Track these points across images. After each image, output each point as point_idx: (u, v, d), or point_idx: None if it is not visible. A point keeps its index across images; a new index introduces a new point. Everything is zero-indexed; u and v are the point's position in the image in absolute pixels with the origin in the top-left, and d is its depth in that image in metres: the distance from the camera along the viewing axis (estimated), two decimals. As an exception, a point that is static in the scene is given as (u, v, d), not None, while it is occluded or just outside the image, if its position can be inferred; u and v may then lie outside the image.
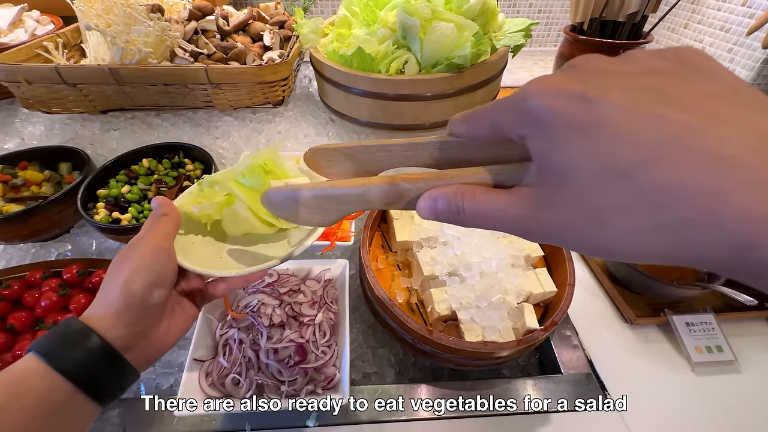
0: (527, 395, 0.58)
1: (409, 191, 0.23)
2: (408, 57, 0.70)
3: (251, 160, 0.43)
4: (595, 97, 0.15)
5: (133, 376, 0.32)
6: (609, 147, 0.15)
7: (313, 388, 0.52)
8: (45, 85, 0.70)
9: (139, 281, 0.31)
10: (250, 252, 0.42)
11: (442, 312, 0.57)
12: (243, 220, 0.40)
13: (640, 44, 0.98)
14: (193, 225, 0.41)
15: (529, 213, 0.18)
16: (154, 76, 0.69)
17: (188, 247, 0.39)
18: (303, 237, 0.40)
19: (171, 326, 0.35)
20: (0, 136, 0.79)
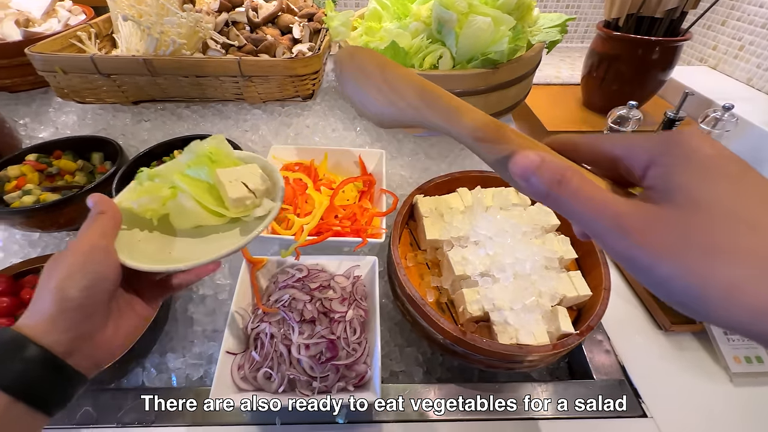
0: (560, 399, 0.57)
1: (509, 143, 0.21)
2: (443, 52, 0.68)
3: (196, 150, 0.41)
4: (746, 165, 0.17)
5: (80, 381, 0.30)
6: (751, 201, 0.16)
7: (344, 384, 0.52)
8: (80, 75, 0.70)
9: (73, 285, 0.29)
10: (201, 244, 0.40)
11: (474, 313, 0.56)
12: (189, 212, 0.39)
13: (678, 42, 0.94)
14: (138, 221, 0.39)
15: (640, 219, 0.18)
16: (187, 68, 0.69)
17: (134, 245, 0.37)
18: (255, 226, 0.39)
19: (120, 328, 0.33)
20: (35, 125, 0.80)
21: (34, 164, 0.68)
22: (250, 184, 0.40)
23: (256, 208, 0.41)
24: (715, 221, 0.16)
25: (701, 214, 0.17)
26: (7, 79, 0.80)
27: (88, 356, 0.30)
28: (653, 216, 0.18)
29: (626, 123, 0.88)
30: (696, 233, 0.17)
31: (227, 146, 0.43)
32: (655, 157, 0.19)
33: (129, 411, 0.54)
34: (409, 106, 0.24)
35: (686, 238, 0.17)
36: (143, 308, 0.36)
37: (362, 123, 0.86)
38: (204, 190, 0.40)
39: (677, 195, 0.18)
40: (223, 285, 0.66)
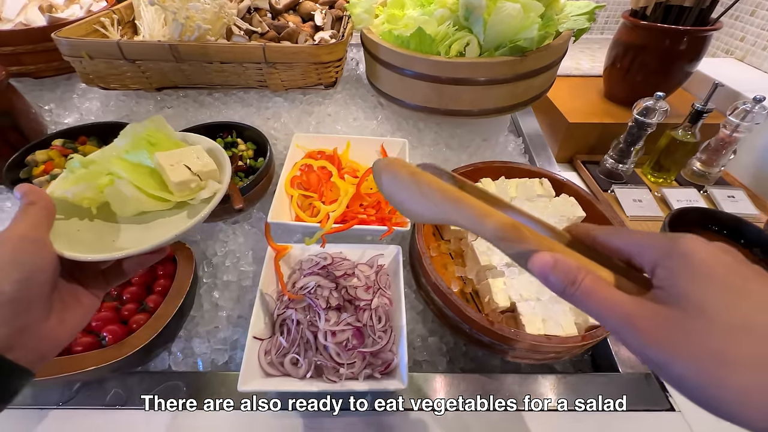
0: (586, 392, 0.56)
1: (526, 243, 0.24)
2: (470, 39, 0.67)
3: (133, 134, 0.40)
4: (743, 272, 0.20)
5: (24, 375, 0.29)
6: (751, 311, 0.18)
7: (371, 372, 0.52)
8: (105, 60, 0.70)
9: (4, 278, 0.28)
10: (146, 230, 0.39)
11: (501, 303, 0.56)
12: (129, 199, 0.38)
13: (708, 31, 0.92)
14: (76, 210, 0.38)
15: (648, 320, 0.20)
16: (212, 54, 0.68)
17: (73, 234, 0.36)
18: (201, 208, 0.38)
19: (65, 320, 0.32)
20: (60, 111, 0.80)
21: (61, 149, 0.69)
22: (193, 166, 0.39)
23: (202, 191, 0.40)
24: (718, 329, 0.19)
25: (705, 321, 0.19)
26: (31, 65, 0.80)
27: (32, 349, 0.30)
28: (661, 317, 0.20)
29: (652, 114, 0.86)
30: (702, 338, 0.19)
31: (167, 128, 0.42)
32: (660, 260, 0.22)
33: (156, 394, 0.55)
34: (439, 210, 0.28)
35: (693, 342, 0.19)
36: (88, 298, 0.35)
37: (383, 112, 0.85)
38: (145, 175, 0.39)
39: (682, 300, 0.20)
40: (246, 272, 0.66)
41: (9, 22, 0.80)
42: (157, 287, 0.59)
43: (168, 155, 0.39)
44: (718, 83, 0.84)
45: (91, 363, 0.48)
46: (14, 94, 0.71)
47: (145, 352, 0.52)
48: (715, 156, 0.94)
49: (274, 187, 0.67)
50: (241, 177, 0.69)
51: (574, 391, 0.57)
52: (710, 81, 1.10)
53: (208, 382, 0.56)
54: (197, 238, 0.70)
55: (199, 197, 0.39)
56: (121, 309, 0.55)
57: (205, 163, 0.41)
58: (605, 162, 0.99)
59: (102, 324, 0.53)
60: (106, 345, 0.51)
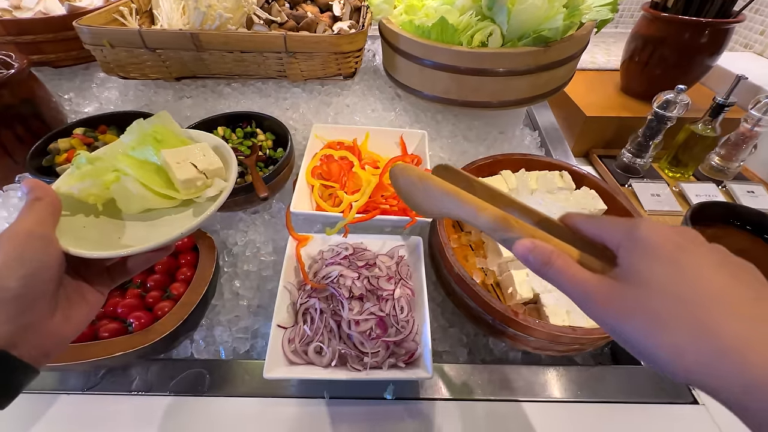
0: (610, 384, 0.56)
1: (513, 231, 0.29)
2: (493, 29, 0.66)
3: (139, 130, 0.39)
4: (688, 249, 0.24)
5: (28, 372, 0.29)
6: (688, 282, 0.22)
7: (395, 361, 0.52)
8: (126, 49, 0.70)
9: (10, 274, 0.28)
10: (151, 228, 0.39)
11: (524, 294, 0.56)
12: (135, 196, 0.37)
13: (730, 24, 0.90)
14: (81, 207, 0.37)
15: (603, 293, 0.25)
16: (233, 43, 0.68)
17: (78, 231, 0.35)
18: (206, 207, 0.38)
19: (70, 317, 0.32)
20: (79, 100, 0.81)
21: (82, 138, 0.69)
22: (199, 164, 0.39)
23: (208, 189, 0.39)
24: (657, 297, 0.23)
25: (649, 291, 0.23)
26: (51, 54, 0.80)
27: (36, 346, 0.29)
28: (616, 290, 0.24)
29: (673, 107, 0.85)
30: (645, 305, 0.23)
31: (173, 124, 0.42)
32: (622, 242, 0.26)
33: (180, 381, 0.55)
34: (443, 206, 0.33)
35: (638, 309, 0.23)
36: (93, 295, 0.35)
37: (401, 104, 0.85)
38: (151, 172, 0.39)
39: (634, 275, 0.24)
40: (267, 261, 0.66)
41: (29, 11, 0.80)
42: (180, 275, 0.59)
43: (174, 153, 0.39)
44: (742, 77, 0.83)
45: (119, 349, 0.49)
46: (35, 83, 0.71)
47: (171, 339, 0.53)
48: (734, 151, 0.93)
49: (294, 177, 0.67)
50: (260, 167, 0.69)
51: (596, 383, 0.57)
52: (729, 75, 1.09)
53: (230, 370, 0.56)
54: (217, 227, 0.70)
55: (205, 195, 0.39)
56: (146, 296, 0.56)
57: (211, 161, 0.41)
58: (622, 156, 0.98)
59: (128, 310, 0.53)
60: (133, 331, 0.51)
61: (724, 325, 0.21)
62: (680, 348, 0.21)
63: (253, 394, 0.54)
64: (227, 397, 0.54)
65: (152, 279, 0.58)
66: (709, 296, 0.22)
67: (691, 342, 0.21)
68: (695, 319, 0.21)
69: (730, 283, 0.22)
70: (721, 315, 0.21)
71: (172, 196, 0.39)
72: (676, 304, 0.22)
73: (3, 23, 0.75)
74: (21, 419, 0.50)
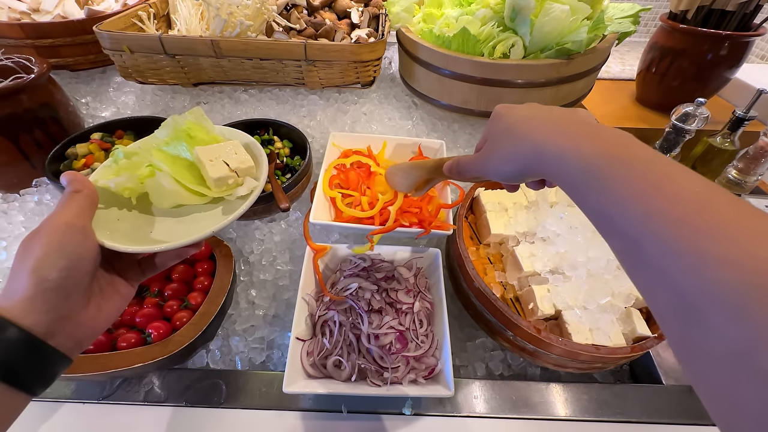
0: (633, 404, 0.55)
1: (443, 161, 0.46)
2: (515, 40, 0.66)
3: (174, 126, 0.40)
4: (514, 106, 0.36)
5: (62, 361, 0.30)
6: (509, 117, 0.35)
7: (415, 377, 0.52)
8: (146, 54, 0.70)
9: (51, 265, 0.28)
10: (182, 224, 0.39)
11: (546, 310, 0.55)
12: (168, 191, 0.38)
13: (751, 37, 0.90)
14: (116, 200, 0.38)
15: (479, 157, 0.39)
16: (253, 50, 0.68)
17: (112, 224, 0.36)
18: (237, 205, 0.38)
19: (102, 308, 0.33)
20: (96, 104, 0.81)
21: (100, 143, 0.69)
22: (231, 162, 0.39)
23: (239, 187, 0.40)
24: (492, 144, 0.37)
25: (491, 140, 0.37)
26: (69, 58, 0.80)
27: (71, 337, 0.30)
28: (483, 152, 0.38)
29: (692, 120, 0.84)
30: (490, 145, 0.37)
31: (207, 121, 0.42)
32: (486, 132, 0.39)
33: (196, 391, 0.54)
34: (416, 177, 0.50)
35: (490, 151, 0.37)
36: (125, 288, 0.35)
37: (418, 112, 0.84)
38: (184, 168, 0.39)
39: (489, 137, 0.38)
40: (283, 271, 0.66)
41: (47, 14, 0.80)
42: (198, 284, 0.59)
43: (207, 150, 0.39)
44: (763, 91, 0.82)
45: (138, 360, 0.48)
46: (54, 87, 0.71)
47: (189, 350, 0.52)
48: (752, 164, 0.91)
49: (311, 186, 0.67)
50: (278, 175, 0.68)
51: (618, 401, 0.56)
52: (746, 87, 1.08)
53: (247, 381, 0.55)
54: (233, 236, 0.69)
55: (236, 194, 0.39)
56: (164, 306, 0.55)
57: (243, 159, 0.41)
58: (638, 168, 0.97)
59: (146, 320, 0.53)
60: (152, 342, 0.51)
61: (530, 134, 0.32)
62: (507, 156, 0.34)
63: (270, 406, 0.53)
64: (244, 409, 0.53)
65: (170, 288, 0.57)
66: (518, 122, 0.34)
67: (513, 150, 0.34)
68: (513, 138, 0.34)
69: (529, 113, 0.34)
70: (526, 129, 0.33)
71: (203, 193, 0.39)
72: (502, 134, 0.35)
73: (23, 27, 0.75)
74: (36, 427, 0.50)
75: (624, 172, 0.25)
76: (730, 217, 0.20)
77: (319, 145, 0.76)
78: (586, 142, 0.28)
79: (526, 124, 0.33)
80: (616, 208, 0.24)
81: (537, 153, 0.31)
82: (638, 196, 0.23)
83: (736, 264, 0.18)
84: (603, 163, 0.26)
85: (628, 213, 0.23)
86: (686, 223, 0.20)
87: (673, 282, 0.20)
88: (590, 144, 0.27)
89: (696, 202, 0.21)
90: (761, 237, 0.18)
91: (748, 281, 0.17)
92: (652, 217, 0.22)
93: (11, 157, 0.66)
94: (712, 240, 0.19)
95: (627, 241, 0.23)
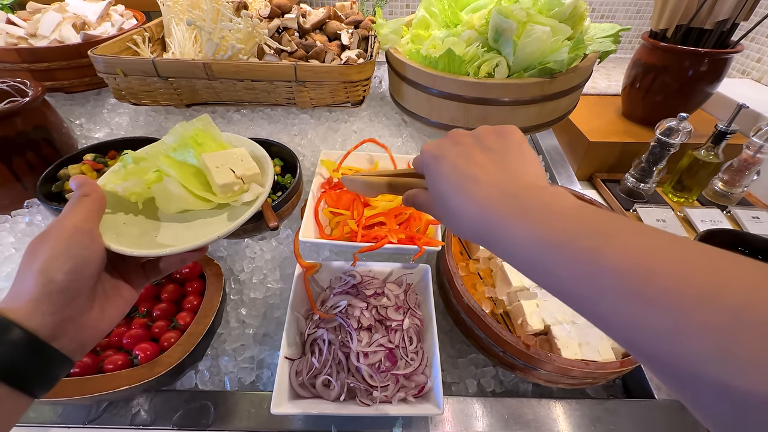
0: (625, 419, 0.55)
1: (398, 189, 0.40)
2: (499, 60, 0.68)
3: (181, 132, 0.40)
4: (442, 158, 0.33)
5: (65, 364, 0.30)
6: (440, 182, 0.32)
7: (404, 395, 0.51)
8: (139, 77, 0.72)
9: (58, 267, 0.29)
10: (187, 229, 0.40)
11: (535, 325, 0.55)
12: (175, 196, 0.38)
13: (729, 54, 0.93)
14: (122, 204, 0.39)
15: (429, 201, 0.35)
16: (245, 72, 0.70)
17: (119, 228, 0.37)
18: (242, 212, 0.39)
19: (106, 311, 0.33)
20: (90, 125, 0.82)
21: (92, 164, 0.69)
22: (237, 169, 0.40)
23: (244, 194, 0.40)
24: (432, 190, 0.33)
25: (431, 189, 0.33)
26: (65, 80, 0.82)
27: (74, 339, 0.30)
28: (431, 200, 0.34)
29: (675, 135, 0.86)
30: (432, 197, 0.33)
31: (214, 128, 0.43)
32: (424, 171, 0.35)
33: (184, 413, 0.54)
34: (371, 191, 0.42)
35: (432, 200, 0.34)
36: (128, 292, 0.36)
37: (407, 129, 0.86)
38: (190, 174, 0.40)
39: (429, 183, 0.34)
40: (273, 289, 0.66)
41: (44, 39, 0.82)
42: (187, 304, 0.58)
43: (214, 157, 0.40)
44: (743, 105, 0.85)
45: (124, 382, 0.48)
46: (48, 109, 0.72)
47: (177, 371, 0.51)
48: (737, 177, 0.93)
49: (302, 204, 0.67)
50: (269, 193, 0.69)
51: (610, 416, 0.55)
52: (728, 102, 1.11)
53: (236, 402, 0.55)
54: (224, 254, 0.70)
55: (241, 200, 0.40)
56: (152, 326, 0.55)
57: (249, 166, 0.41)
58: (626, 181, 0.98)
59: (133, 342, 0.52)
60: (138, 364, 0.50)
61: (462, 192, 0.30)
62: (449, 216, 0.31)
63: (259, 428, 0.53)
64: (233, 431, 0.52)
65: (159, 308, 0.57)
66: (447, 181, 0.31)
67: (450, 207, 0.30)
68: (446, 195, 0.31)
69: (454, 170, 0.31)
70: (457, 190, 0.30)
71: (209, 199, 0.40)
72: (438, 191, 0.32)
73: (19, 51, 0.76)
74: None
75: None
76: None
77: (311, 164, 0.77)
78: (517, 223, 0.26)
79: (455, 205, 0.30)
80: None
81: (472, 228, 0.29)
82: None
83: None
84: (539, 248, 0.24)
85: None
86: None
87: None
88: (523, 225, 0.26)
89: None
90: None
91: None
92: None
93: (3, 179, 0.66)
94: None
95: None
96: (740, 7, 0.88)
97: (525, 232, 0.25)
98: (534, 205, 0.26)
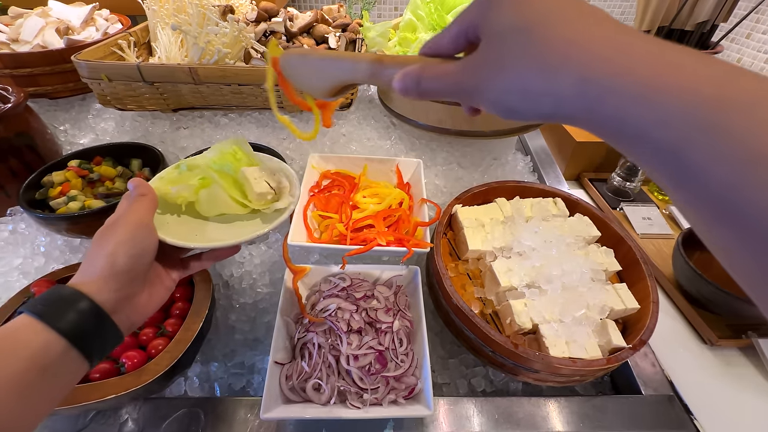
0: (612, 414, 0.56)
1: (387, 68, 0.29)
2: (485, 63, 0.68)
3: (222, 149, 0.47)
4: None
5: (117, 337, 0.34)
6: (522, 13, 0.21)
7: (395, 397, 0.52)
8: (124, 82, 0.71)
9: (124, 252, 0.34)
10: (226, 229, 0.45)
11: (523, 325, 0.56)
12: (220, 200, 0.45)
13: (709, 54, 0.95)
14: (167, 206, 0.45)
15: (466, 68, 0.24)
16: (231, 77, 0.69)
17: (164, 226, 0.42)
18: (274, 217, 0.45)
19: (152, 295, 0.38)
20: (75, 131, 0.81)
21: (77, 170, 0.69)
22: (270, 181, 0.47)
23: (276, 202, 0.46)
24: (506, 46, 0.21)
25: (496, 43, 0.22)
26: (48, 86, 0.81)
27: (127, 316, 0.35)
28: (471, 62, 0.24)
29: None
30: (494, 56, 0.22)
31: (248, 147, 0.49)
32: (476, 19, 0.24)
33: (173, 421, 0.53)
34: (327, 73, 0.33)
35: (488, 62, 0.23)
36: (169, 281, 0.41)
37: (396, 132, 0.86)
38: (231, 183, 0.46)
39: (487, 33, 0.23)
40: (263, 293, 0.66)
41: (27, 44, 0.81)
42: (175, 310, 0.58)
43: (252, 170, 0.46)
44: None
45: (111, 391, 0.47)
46: (31, 116, 0.71)
47: (165, 379, 0.51)
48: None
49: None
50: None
51: (598, 413, 0.56)
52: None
53: (226, 409, 0.54)
54: (213, 259, 0.69)
55: (273, 207, 0.46)
56: (140, 334, 0.54)
57: (280, 180, 0.49)
58: (612, 180, 1.00)
59: (120, 350, 0.52)
60: (125, 372, 0.50)
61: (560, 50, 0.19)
62: (526, 87, 0.21)
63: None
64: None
65: (146, 314, 0.57)
66: (543, 21, 0.20)
67: (541, 80, 0.20)
68: (542, 59, 0.20)
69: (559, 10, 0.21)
70: (565, 49, 0.19)
71: (246, 205, 0.46)
72: (517, 42, 0.21)
73: (0, 57, 0.75)
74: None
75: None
76: None
77: (299, 167, 0.77)
78: (669, 76, 0.16)
79: (563, 39, 0.19)
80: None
81: (586, 94, 0.19)
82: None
83: None
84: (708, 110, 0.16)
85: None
86: None
87: None
88: (677, 79, 0.16)
89: None
90: None
91: None
92: None
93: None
94: None
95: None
96: (719, 9, 0.90)
97: (688, 84, 0.16)
98: (668, 46, 0.18)
